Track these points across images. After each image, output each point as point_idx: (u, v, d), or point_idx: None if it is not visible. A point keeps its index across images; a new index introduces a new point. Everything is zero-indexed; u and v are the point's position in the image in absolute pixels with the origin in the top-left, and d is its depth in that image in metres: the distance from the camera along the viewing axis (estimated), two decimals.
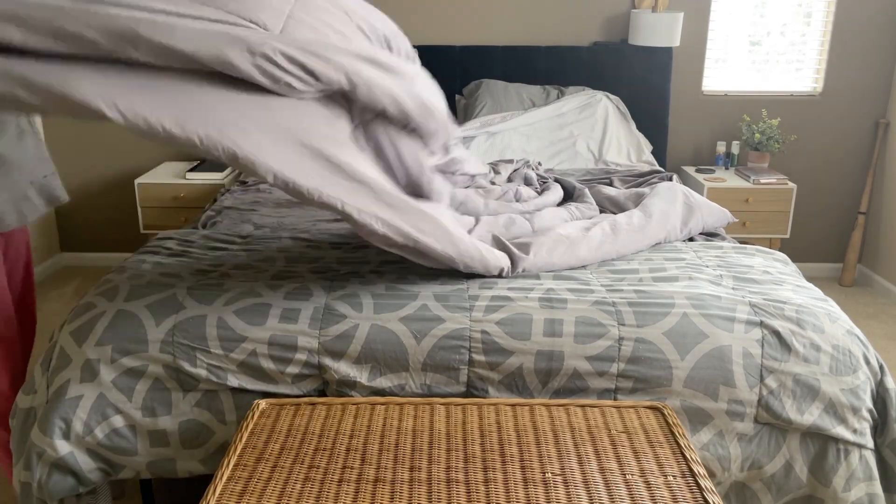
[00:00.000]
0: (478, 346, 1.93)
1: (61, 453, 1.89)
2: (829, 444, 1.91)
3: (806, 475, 1.92)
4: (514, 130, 3.60)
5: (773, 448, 1.92)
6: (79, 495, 1.98)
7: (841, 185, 4.14)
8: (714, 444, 1.91)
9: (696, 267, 2.27)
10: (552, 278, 2.17)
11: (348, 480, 1.53)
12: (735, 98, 4.02)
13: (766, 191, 3.68)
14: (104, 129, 4.07)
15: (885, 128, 4.01)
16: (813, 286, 2.22)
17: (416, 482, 1.52)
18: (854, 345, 1.97)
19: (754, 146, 3.87)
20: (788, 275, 2.27)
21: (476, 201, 2.63)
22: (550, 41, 3.94)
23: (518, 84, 3.80)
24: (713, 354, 1.92)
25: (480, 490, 1.50)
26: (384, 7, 3.87)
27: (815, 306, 2.04)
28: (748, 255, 2.41)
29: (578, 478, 1.54)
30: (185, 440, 1.96)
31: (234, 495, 1.49)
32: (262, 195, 3.05)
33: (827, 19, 3.94)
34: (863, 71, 3.97)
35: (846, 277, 4.11)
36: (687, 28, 3.91)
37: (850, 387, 1.92)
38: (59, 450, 1.89)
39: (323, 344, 1.93)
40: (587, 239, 2.30)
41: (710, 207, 2.68)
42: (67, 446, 1.91)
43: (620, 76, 3.84)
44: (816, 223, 4.20)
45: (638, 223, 2.46)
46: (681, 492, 1.50)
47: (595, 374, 1.92)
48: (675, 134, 4.07)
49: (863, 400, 1.93)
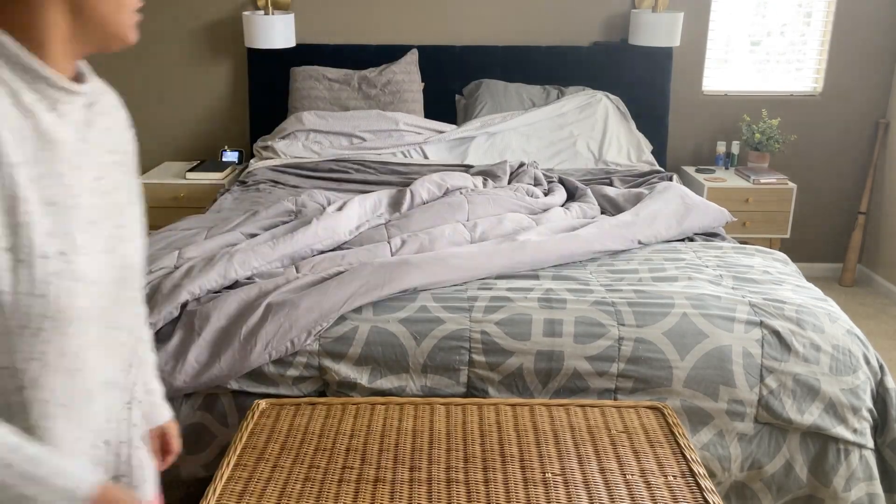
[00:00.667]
0: (478, 347, 1.93)
1: None
2: (829, 443, 1.91)
3: (806, 475, 1.92)
4: (514, 130, 3.60)
5: (773, 448, 1.92)
6: None
7: (841, 185, 4.14)
8: (714, 444, 1.91)
9: (696, 267, 2.27)
10: (551, 278, 2.17)
11: (348, 480, 1.53)
12: (735, 98, 4.02)
13: (766, 191, 3.68)
14: None
15: (885, 128, 4.01)
16: (813, 286, 2.22)
17: (416, 482, 1.52)
18: (854, 345, 1.97)
19: (754, 146, 3.86)
20: (788, 275, 2.27)
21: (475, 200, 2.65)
22: (550, 41, 3.93)
23: (518, 84, 3.79)
24: (713, 354, 1.92)
25: (480, 490, 1.50)
26: (385, 7, 3.87)
27: (815, 306, 2.04)
28: (748, 255, 2.41)
29: (578, 478, 1.54)
30: (187, 444, 1.96)
31: (234, 495, 1.48)
32: (262, 195, 3.05)
33: (827, 19, 3.93)
34: (863, 71, 3.97)
35: (846, 277, 4.10)
36: (687, 28, 3.91)
37: (850, 387, 1.92)
38: None
39: (323, 346, 1.93)
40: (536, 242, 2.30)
41: (707, 207, 2.68)
42: None
43: (620, 76, 3.84)
44: (816, 223, 4.19)
45: (616, 223, 2.46)
46: (681, 492, 1.50)
47: (595, 374, 1.92)
48: (675, 134, 4.07)
49: (863, 400, 1.93)
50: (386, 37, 3.93)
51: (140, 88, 4.01)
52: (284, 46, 3.70)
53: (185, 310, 1.95)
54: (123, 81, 3.99)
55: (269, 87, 3.85)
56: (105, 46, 0.88)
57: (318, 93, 3.67)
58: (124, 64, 3.97)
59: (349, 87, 3.68)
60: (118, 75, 3.98)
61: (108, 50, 0.88)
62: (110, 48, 0.88)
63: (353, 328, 1.94)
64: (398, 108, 3.65)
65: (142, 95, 4.02)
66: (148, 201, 3.68)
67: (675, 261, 2.33)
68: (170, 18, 3.90)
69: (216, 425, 1.96)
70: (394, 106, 3.65)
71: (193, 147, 4.10)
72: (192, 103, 4.03)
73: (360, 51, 3.82)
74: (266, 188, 3.16)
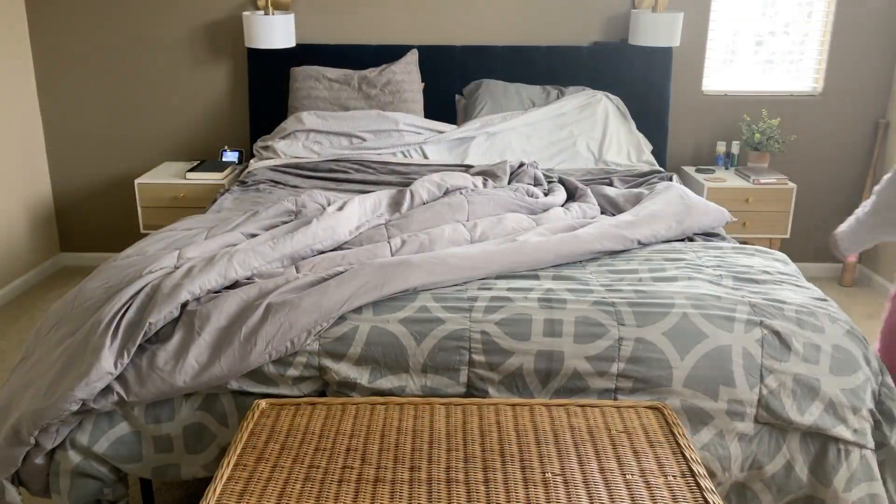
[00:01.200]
0: (478, 347, 1.93)
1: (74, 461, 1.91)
2: (830, 444, 1.91)
3: (806, 475, 1.92)
4: (514, 130, 3.60)
5: (773, 448, 1.92)
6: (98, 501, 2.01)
7: (841, 185, 4.14)
8: (714, 444, 1.91)
9: (696, 267, 2.27)
10: (551, 278, 2.17)
11: (348, 480, 1.53)
12: (735, 98, 4.02)
13: (766, 191, 3.68)
14: (104, 129, 4.07)
15: (885, 128, 4.01)
16: (813, 286, 2.22)
17: (416, 482, 1.52)
18: (854, 345, 1.97)
19: (754, 146, 3.86)
20: (788, 275, 2.27)
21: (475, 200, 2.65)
22: (550, 41, 3.93)
23: (518, 84, 3.79)
24: (713, 354, 1.92)
25: (480, 490, 1.50)
26: (385, 7, 3.87)
27: (815, 306, 2.04)
28: (748, 255, 2.40)
29: (578, 478, 1.54)
30: (188, 444, 1.96)
31: (234, 495, 1.48)
32: (262, 195, 3.05)
33: (827, 19, 3.93)
34: (863, 71, 3.97)
35: (846, 277, 4.11)
36: (687, 28, 3.91)
37: (850, 387, 1.92)
38: (73, 458, 1.91)
39: (323, 346, 1.93)
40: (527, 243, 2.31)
41: (707, 207, 2.68)
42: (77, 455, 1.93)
43: (620, 76, 3.84)
44: (816, 223, 4.20)
45: (615, 223, 2.47)
46: (681, 492, 1.50)
47: (595, 374, 1.92)
48: (675, 134, 4.07)
49: (863, 400, 1.93)
50: (386, 37, 3.93)
51: (140, 88, 4.01)
52: (284, 46, 3.70)
53: (185, 310, 1.95)
54: (123, 81, 4.00)
55: (269, 87, 3.85)
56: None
57: (318, 93, 3.67)
58: (124, 64, 3.97)
59: (349, 87, 3.68)
60: (118, 75, 3.98)
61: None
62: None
63: (354, 328, 1.94)
64: (398, 108, 3.65)
65: (142, 95, 4.02)
66: (148, 201, 3.69)
67: (675, 261, 2.33)
68: (170, 18, 3.90)
69: (216, 425, 1.96)
70: (394, 106, 3.65)
71: (193, 147, 4.10)
72: (192, 103, 4.03)
73: (360, 51, 3.82)
74: (266, 188, 3.16)
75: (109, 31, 3.92)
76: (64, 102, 4.04)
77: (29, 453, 1.89)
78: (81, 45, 3.94)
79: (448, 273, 2.10)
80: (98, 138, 4.10)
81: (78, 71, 3.98)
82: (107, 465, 1.95)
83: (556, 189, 2.95)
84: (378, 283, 2.00)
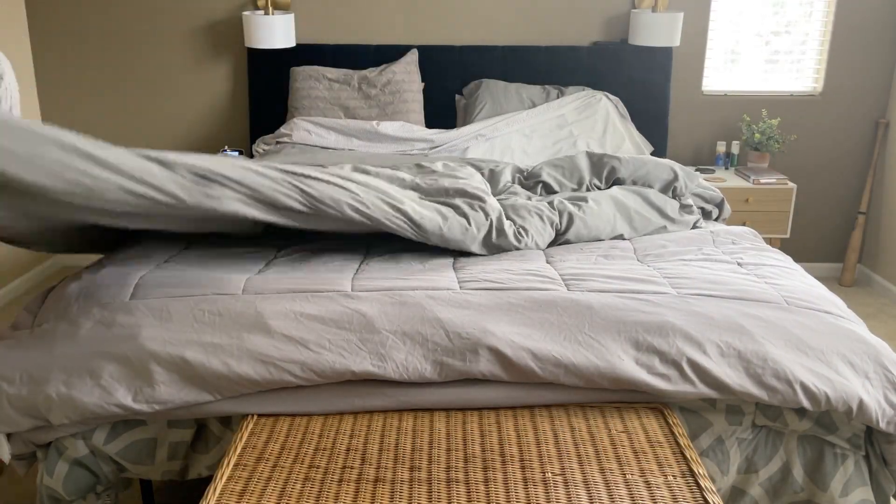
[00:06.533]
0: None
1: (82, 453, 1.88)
2: (826, 448, 1.91)
3: (803, 478, 1.92)
4: (514, 130, 3.60)
5: (770, 452, 1.92)
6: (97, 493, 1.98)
7: (841, 185, 4.14)
8: (712, 447, 1.91)
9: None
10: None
11: (348, 480, 1.53)
12: (735, 98, 4.02)
13: (766, 191, 3.68)
14: (104, 129, 4.08)
15: (885, 128, 4.01)
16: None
17: (416, 482, 1.52)
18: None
19: (754, 146, 3.87)
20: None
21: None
22: (550, 41, 3.93)
23: (518, 84, 3.79)
24: None
25: (480, 490, 1.50)
26: (385, 7, 3.87)
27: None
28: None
29: (578, 478, 1.54)
30: (190, 444, 1.95)
31: (234, 495, 1.49)
32: None
33: (827, 19, 3.94)
34: (863, 71, 3.97)
35: (846, 277, 4.11)
36: (687, 28, 3.91)
37: None
38: (80, 449, 1.88)
39: None
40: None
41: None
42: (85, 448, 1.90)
43: (620, 76, 3.84)
44: (816, 223, 4.20)
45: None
46: (681, 492, 1.50)
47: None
48: (675, 134, 4.07)
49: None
50: (386, 37, 3.93)
51: (140, 88, 4.01)
52: (284, 46, 3.71)
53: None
54: (123, 81, 4.00)
55: (269, 87, 3.85)
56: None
57: (318, 93, 3.67)
58: (124, 63, 3.97)
59: (349, 87, 3.68)
60: (118, 75, 3.98)
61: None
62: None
63: None
64: (398, 108, 3.65)
65: (142, 95, 4.02)
66: None
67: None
68: (170, 18, 3.90)
69: (217, 425, 1.96)
70: (394, 106, 3.65)
71: (193, 147, 4.10)
72: (192, 103, 4.03)
73: (360, 51, 3.82)
74: None
75: (109, 31, 3.92)
76: (63, 102, 4.04)
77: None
78: (81, 44, 3.95)
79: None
80: (98, 138, 4.10)
81: (78, 71, 3.99)
82: (112, 465, 1.92)
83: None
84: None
